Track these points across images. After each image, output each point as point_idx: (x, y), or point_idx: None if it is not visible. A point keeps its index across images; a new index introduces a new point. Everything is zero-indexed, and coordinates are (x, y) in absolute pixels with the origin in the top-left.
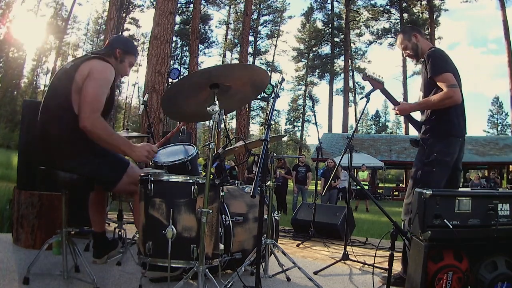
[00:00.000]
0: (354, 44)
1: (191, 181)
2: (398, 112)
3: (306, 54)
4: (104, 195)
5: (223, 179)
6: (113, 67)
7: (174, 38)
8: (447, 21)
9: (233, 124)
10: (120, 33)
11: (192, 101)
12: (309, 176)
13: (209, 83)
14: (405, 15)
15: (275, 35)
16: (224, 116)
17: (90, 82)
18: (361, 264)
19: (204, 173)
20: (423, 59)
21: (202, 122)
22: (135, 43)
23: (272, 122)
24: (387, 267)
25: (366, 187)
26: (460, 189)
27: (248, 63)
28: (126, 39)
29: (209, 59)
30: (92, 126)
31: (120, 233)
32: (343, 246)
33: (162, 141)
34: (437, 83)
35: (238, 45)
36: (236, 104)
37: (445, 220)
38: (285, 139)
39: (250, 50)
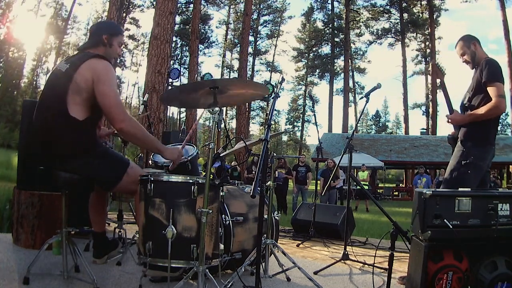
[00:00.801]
0: (354, 44)
1: (191, 181)
2: (450, 121)
3: (306, 54)
4: (104, 195)
5: (223, 179)
6: (106, 57)
7: (174, 38)
8: (447, 21)
9: (233, 124)
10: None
11: (191, 97)
12: (309, 176)
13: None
14: (405, 15)
15: (275, 35)
16: (223, 116)
17: (105, 87)
18: (361, 264)
19: (204, 173)
20: (477, 66)
21: (202, 122)
22: (135, 43)
23: (272, 122)
24: (387, 267)
25: (366, 187)
26: (460, 189)
27: (248, 63)
28: (107, 23)
29: (209, 59)
30: (130, 127)
31: (120, 233)
32: (343, 246)
33: (184, 144)
34: (488, 89)
35: (238, 45)
36: (235, 101)
37: (445, 220)
38: (285, 139)
39: (250, 50)
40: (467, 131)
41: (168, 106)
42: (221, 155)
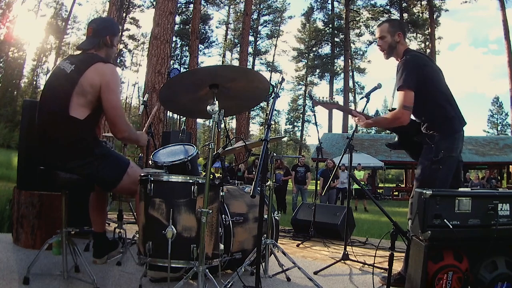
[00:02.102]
0: (354, 44)
1: (191, 181)
2: (357, 122)
3: (306, 54)
4: (105, 195)
5: (223, 179)
6: (109, 60)
7: (174, 38)
8: (448, 21)
9: (233, 124)
10: (120, 33)
11: (191, 97)
12: (308, 176)
13: (209, 83)
14: (405, 15)
15: (275, 35)
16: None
17: (114, 97)
18: (361, 264)
19: (204, 173)
20: (395, 59)
21: (202, 122)
22: (135, 43)
23: (272, 122)
24: (387, 267)
25: (364, 187)
26: (460, 189)
27: (248, 63)
28: (108, 22)
29: (209, 59)
30: (130, 135)
31: (120, 233)
32: (343, 246)
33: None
34: (397, 94)
35: (238, 45)
36: (236, 108)
37: (445, 220)
38: (285, 139)
39: (250, 50)
40: (430, 125)
41: None
42: (226, 149)
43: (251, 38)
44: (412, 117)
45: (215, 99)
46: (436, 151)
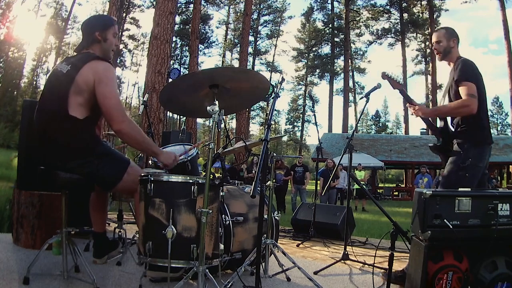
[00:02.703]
0: (354, 44)
1: (191, 181)
2: (414, 111)
3: (306, 54)
4: (105, 195)
5: (223, 179)
6: (105, 56)
7: (174, 38)
8: (448, 21)
9: (233, 124)
10: (120, 33)
11: (191, 97)
12: (307, 176)
13: (209, 83)
14: (405, 15)
15: (275, 35)
16: (223, 116)
17: (106, 88)
18: (361, 264)
19: (204, 173)
20: (448, 62)
21: (202, 122)
22: (135, 43)
23: (272, 122)
24: (387, 267)
25: (364, 187)
26: (460, 189)
27: (248, 63)
28: (96, 18)
29: (209, 59)
30: (129, 129)
31: (120, 233)
32: (343, 246)
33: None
34: (459, 88)
35: (238, 45)
36: (236, 106)
37: (445, 220)
38: (285, 139)
39: (250, 50)
40: (462, 133)
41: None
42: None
43: (251, 38)
44: (449, 119)
45: (215, 99)
46: (464, 158)
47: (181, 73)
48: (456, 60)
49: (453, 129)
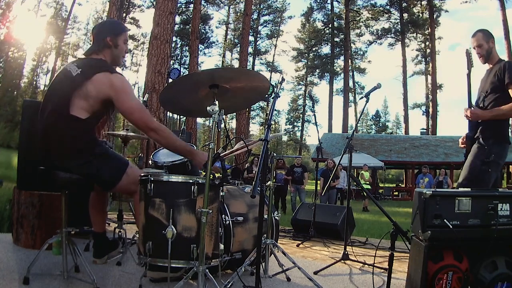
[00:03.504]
0: (354, 44)
1: (191, 181)
2: (470, 116)
3: (306, 54)
4: (105, 195)
5: (223, 179)
6: (115, 63)
7: (174, 38)
8: (448, 21)
9: (233, 124)
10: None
11: (191, 97)
12: (306, 176)
13: (209, 83)
14: (405, 15)
15: (275, 35)
16: (223, 116)
17: (130, 103)
18: (361, 264)
19: (204, 173)
20: (490, 64)
21: (202, 122)
22: (135, 43)
23: (272, 122)
24: (387, 267)
25: (369, 187)
26: (460, 189)
27: (248, 63)
28: (109, 23)
29: (209, 59)
30: (158, 136)
31: (120, 233)
32: (343, 246)
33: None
34: (509, 90)
35: (238, 45)
36: (236, 106)
37: (445, 220)
38: (285, 139)
39: (250, 50)
40: (488, 128)
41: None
42: (225, 152)
43: (251, 38)
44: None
45: (215, 99)
46: (488, 153)
47: (181, 73)
48: (498, 61)
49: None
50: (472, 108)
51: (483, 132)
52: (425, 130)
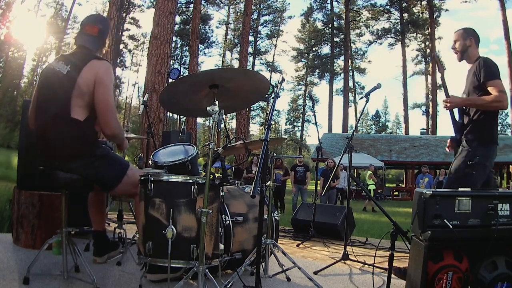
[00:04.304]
0: (354, 44)
1: (191, 181)
2: (448, 103)
3: (306, 54)
4: (103, 194)
5: (223, 179)
6: (102, 57)
7: (174, 38)
8: (449, 21)
9: (233, 124)
10: (120, 33)
11: (191, 97)
12: (308, 176)
13: (209, 83)
14: (405, 15)
15: (275, 35)
16: (224, 116)
17: (106, 90)
18: (361, 264)
19: (204, 173)
20: (467, 62)
21: (202, 122)
22: (135, 43)
23: (272, 122)
24: (387, 267)
25: (374, 187)
26: (460, 189)
27: (248, 63)
28: (108, 23)
29: (209, 59)
30: (119, 133)
31: (120, 233)
32: (343, 246)
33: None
34: (488, 87)
35: (238, 45)
36: (236, 106)
37: (445, 220)
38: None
39: (250, 50)
40: (472, 131)
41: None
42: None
43: (251, 38)
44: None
45: (215, 99)
46: (472, 156)
47: (181, 73)
48: (476, 59)
49: (464, 122)
50: (451, 96)
51: (466, 134)
52: (425, 130)
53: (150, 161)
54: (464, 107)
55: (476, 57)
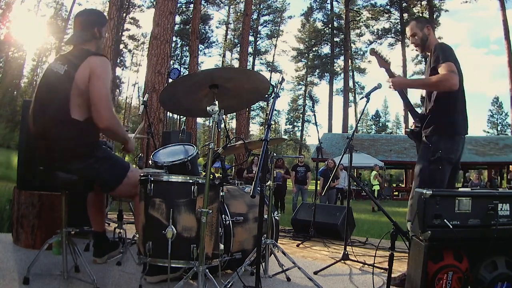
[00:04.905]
0: (354, 44)
1: (191, 181)
2: (392, 84)
3: (306, 54)
4: (104, 194)
5: (223, 179)
6: (100, 53)
7: (174, 38)
8: (449, 22)
9: (233, 124)
10: (120, 33)
11: (191, 97)
12: (309, 176)
13: (209, 83)
14: (405, 15)
15: (275, 35)
16: (223, 116)
17: (99, 83)
18: (361, 264)
19: (204, 173)
20: (428, 52)
21: (202, 122)
22: (135, 43)
23: (272, 122)
24: (387, 267)
25: (378, 188)
26: (460, 189)
27: (248, 63)
28: (96, 13)
29: (209, 59)
30: (113, 126)
31: (120, 233)
32: (343, 246)
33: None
34: (439, 69)
35: (238, 45)
36: (236, 106)
37: (445, 220)
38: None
39: (250, 50)
40: (430, 124)
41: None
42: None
43: (251, 38)
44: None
45: (215, 99)
46: (434, 151)
47: (181, 73)
48: (434, 46)
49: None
50: (395, 77)
51: (425, 129)
52: None
53: (150, 161)
54: (425, 96)
55: (434, 44)
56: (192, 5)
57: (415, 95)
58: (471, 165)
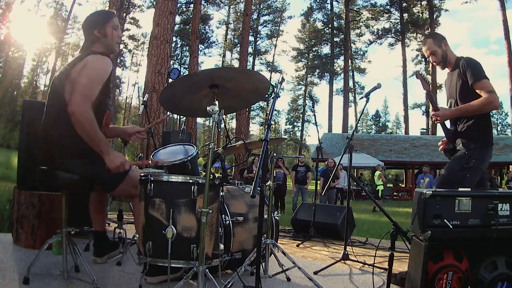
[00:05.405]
0: (354, 44)
1: (191, 181)
2: (438, 117)
3: (306, 54)
4: (105, 195)
5: (223, 179)
6: (105, 52)
7: (174, 38)
8: (449, 22)
9: (233, 124)
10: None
11: (191, 97)
12: (309, 176)
13: (209, 83)
14: (405, 15)
15: (275, 35)
16: (223, 116)
17: (82, 72)
18: (361, 264)
19: (204, 173)
20: (449, 67)
21: (202, 122)
22: (135, 43)
23: (272, 122)
24: (387, 267)
25: (382, 188)
26: (460, 189)
27: (248, 63)
28: (93, 15)
29: (209, 59)
30: (81, 114)
31: (120, 233)
32: (343, 246)
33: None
34: (476, 90)
35: (238, 45)
36: (236, 106)
37: (445, 220)
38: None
39: (250, 50)
40: (467, 134)
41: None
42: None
43: (251, 38)
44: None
45: (215, 99)
46: (468, 159)
47: (181, 73)
48: (456, 61)
49: (458, 129)
50: (440, 109)
51: (462, 138)
52: (425, 130)
53: (150, 161)
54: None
55: (455, 59)
56: (192, 5)
57: (418, 97)
58: None
